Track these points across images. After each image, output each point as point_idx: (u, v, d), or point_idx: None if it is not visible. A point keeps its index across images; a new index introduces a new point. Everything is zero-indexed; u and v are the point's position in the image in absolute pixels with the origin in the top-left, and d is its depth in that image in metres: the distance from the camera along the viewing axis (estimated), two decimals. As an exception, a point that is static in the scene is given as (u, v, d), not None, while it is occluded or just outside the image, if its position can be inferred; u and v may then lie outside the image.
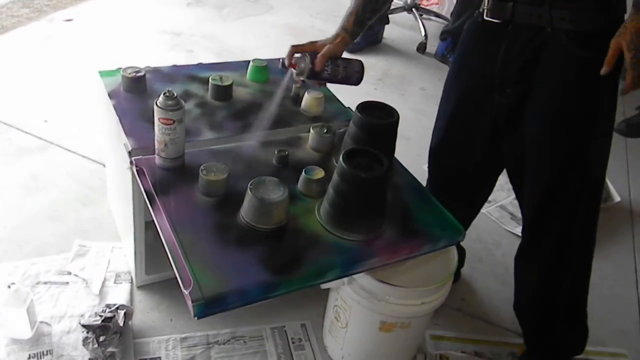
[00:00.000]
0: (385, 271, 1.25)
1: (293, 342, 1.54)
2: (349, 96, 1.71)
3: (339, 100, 1.65)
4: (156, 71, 1.62)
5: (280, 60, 1.76)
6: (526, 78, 1.21)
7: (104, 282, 1.59)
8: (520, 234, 2.09)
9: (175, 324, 1.53)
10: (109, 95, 1.47)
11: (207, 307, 1.01)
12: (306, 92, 1.57)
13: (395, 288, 1.27)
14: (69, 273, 1.60)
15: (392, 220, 1.25)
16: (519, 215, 2.20)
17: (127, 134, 1.35)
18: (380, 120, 1.32)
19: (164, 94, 1.19)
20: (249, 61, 1.70)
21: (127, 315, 1.44)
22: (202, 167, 1.21)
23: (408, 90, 2.91)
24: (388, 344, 1.43)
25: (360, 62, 1.38)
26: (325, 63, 1.30)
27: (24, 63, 2.57)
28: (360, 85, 1.40)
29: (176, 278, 1.04)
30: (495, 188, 1.62)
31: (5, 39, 2.76)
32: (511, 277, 1.90)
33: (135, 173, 1.27)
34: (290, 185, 1.26)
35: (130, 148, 1.31)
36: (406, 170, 1.43)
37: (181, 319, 1.54)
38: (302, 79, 1.33)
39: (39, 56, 2.64)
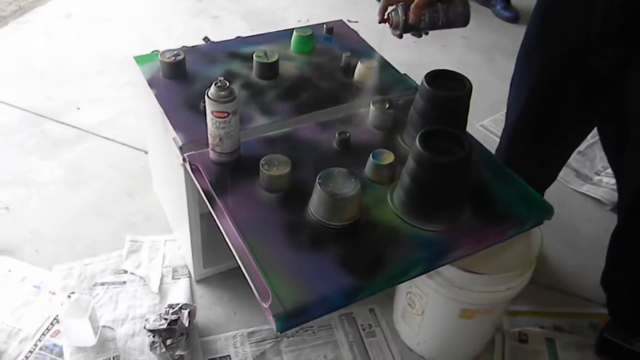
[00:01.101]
0: (467, 259, 1.15)
1: (363, 329, 1.47)
2: (387, 51, 1.57)
3: (393, 67, 1.52)
4: (193, 51, 1.50)
5: (325, 26, 1.64)
6: (632, 34, 1.05)
7: (161, 279, 1.53)
8: (586, 192, 1.98)
9: (240, 318, 1.47)
10: (148, 83, 1.36)
11: (289, 321, 0.92)
12: (359, 62, 1.43)
13: (480, 276, 1.18)
14: (125, 272, 1.54)
15: (473, 203, 1.13)
16: (584, 171, 2.08)
17: (175, 127, 1.24)
18: (451, 92, 1.19)
19: (215, 84, 1.07)
20: (290, 30, 1.56)
21: (191, 314, 1.39)
22: (262, 161, 1.11)
23: (449, 41, 2.73)
24: (468, 329, 1.34)
25: (464, 0, 1.17)
26: (421, 12, 1.14)
27: (45, 46, 2.46)
28: (398, 39, 1.24)
29: (246, 280, 0.96)
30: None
31: (25, 20, 2.64)
32: (582, 240, 1.80)
33: (190, 171, 1.18)
34: (356, 171, 1.16)
35: (180, 143, 1.21)
36: (478, 142, 1.30)
37: (245, 312, 1.48)
38: (398, 33, 1.18)
39: (60, 38, 2.53)
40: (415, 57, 2.56)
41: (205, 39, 2.50)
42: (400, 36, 1.20)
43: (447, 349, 1.40)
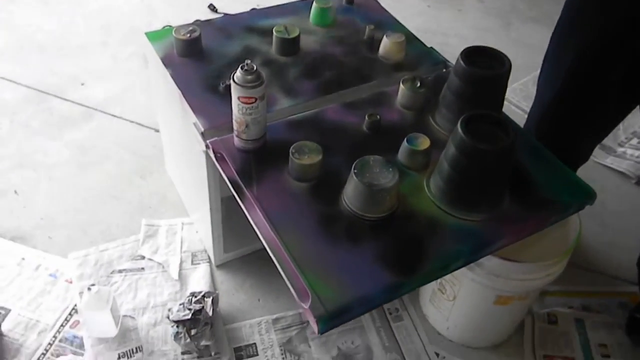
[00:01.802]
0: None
1: (390, 314, 1.43)
2: (401, 18, 1.50)
3: (419, 40, 1.43)
4: (208, 25, 1.42)
5: (344, -4, 1.54)
6: None
7: (180, 265, 1.48)
8: (610, 165, 1.92)
9: (264, 304, 1.43)
10: (163, 63, 1.28)
11: (331, 322, 0.88)
12: (384, 36, 1.35)
13: (519, 264, 1.13)
14: (143, 257, 1.49)
15: (513, 190, 1.08)
16: (607, 143, 2.01)
17: (195, 111, 1.17)
18: (490, 71, 1.12)
19: (241, 67, 1.00)
20: (310, 1, 1.47)
21: (215, 302, 1.34)
22: (292, 149, 1.05)
23: (465, 5, 2.62)
24: (502, 315, 1.31)
25: None
26: None
27: (43, 17, 2.34)
28: (412, 2, 1.16)
29: (269, 264, 0.91)
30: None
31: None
32: (609, 216, 1.76)
33: (215, 159, 1.11)
34: (388, 156, 1.10)
35: (202, 129, 1.14)
36: (515, 123, 1.24)
37: (269, 297, 1.44)
38: None
39: (58, 7, 2.41)
40: (431, 22, 2.46)
41: (211, 6, 2.40)
42: None
43: (479, 334, 1.37)
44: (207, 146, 1.13)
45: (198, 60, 1.30)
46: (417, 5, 2.57)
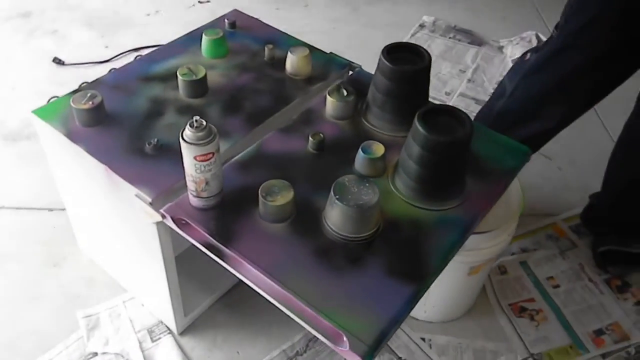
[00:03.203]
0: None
1: (368, 317, 1.44)
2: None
3: (318, 49, 1.43)
4: (99, 85, 1.28)
5: (226, 20, 1.48)
6: None
7: (140, 346, 1.34)
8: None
9: (244, 354, 1.35)
10: (71, 140, 1.13)
11: (374, 353, 0.86)
12: (289, 53, 1.33)
13: (487, 234, 1.21)
14: (95, 354, 1.32)
15: (470, 169, 1.14)
16: (481, 97, 2.20)
17: (133, 182, 1.06)
18: (415, 66, 1.16)
19: (190, 125, 0.92)
20: (198, 34, 1.40)
21: (199, 373, 1.25)
22: (261, 191, 0.99)
23: (310, 0, 2.67)
24: (473, 283, 1.39)
25: None
26: None
27: None
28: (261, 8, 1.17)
29: (231, 310, 0.87)
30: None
31: None
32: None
33: (177, 227, 1.02)
34: (344, 169, 1.10)
35: (150, 199, 1.03)
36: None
37: (247, 346, 1.36)
38: None
39: None
40: (285, 24, 2.44)
41: (56, 59, 2.18)
42: None
43: (455, 308, 1.43)
44: (163, 216, 1.03)
45: (107, 127, 1.17)
46: (267, 10, 2.57)
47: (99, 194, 1.19)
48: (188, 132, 0.93)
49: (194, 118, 0.92)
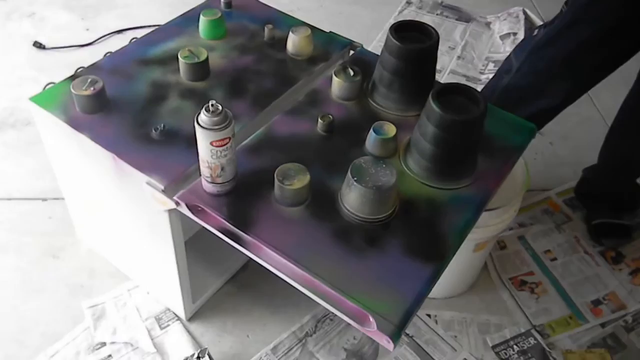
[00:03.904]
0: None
1: (374, 296, 1.45)
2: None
3: (317, 28, 1.41)
4: (96, 70, 1.24)
5: (222, 0, 1.45)
6: None
7: (149, 334, 1.33)
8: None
9: (255, 337, 1.35)
10: (73, 127, 1.10)
11: (401, 332, 0.87)
12: (290, 33, 1.31)
13: (494, 211, 1.22)
14: (104, 344, 1.31)
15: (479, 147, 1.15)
16: (472, 74, 2.21)
17: (143, 169, 1.04)
18: (422, 45, 1.15)
19: (206, 110, 0.90)
20: (194, 14, 1.37)
21: (211, 358, 1.25)
22: (277, 175, 0.98)
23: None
24: (478, 259, 1.41)
25: None
26: None
27: None
28: None
29: (241, 294, 0.88)
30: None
31: None
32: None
33: (192, 214, 1.00)
34: (355, 151, 1.09)
35: (162, 186, 1.02)
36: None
37: (257, 329, 1.36)
38: None
39: None
40: (271, 2, 2.43)
41: (36, 43, 2.10)
42: None
43: (459, 284, 1.46)
44: (177, 203, 1.01)
45: (110, 113, 1.14)
46: None
47: (104, 182, 1.17)
48: (204, 117, 0.91)
49: (210, 102, 0.90)
